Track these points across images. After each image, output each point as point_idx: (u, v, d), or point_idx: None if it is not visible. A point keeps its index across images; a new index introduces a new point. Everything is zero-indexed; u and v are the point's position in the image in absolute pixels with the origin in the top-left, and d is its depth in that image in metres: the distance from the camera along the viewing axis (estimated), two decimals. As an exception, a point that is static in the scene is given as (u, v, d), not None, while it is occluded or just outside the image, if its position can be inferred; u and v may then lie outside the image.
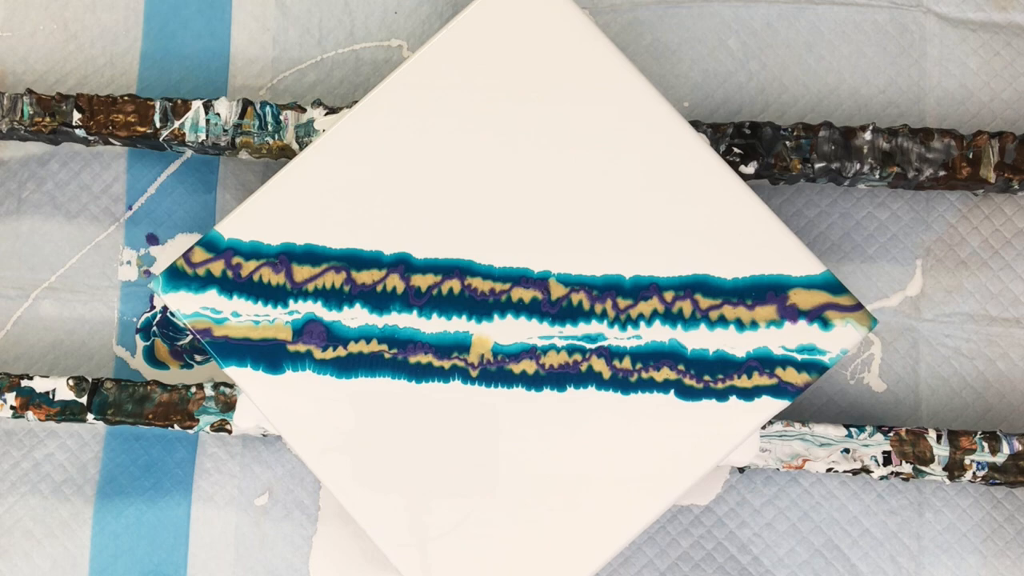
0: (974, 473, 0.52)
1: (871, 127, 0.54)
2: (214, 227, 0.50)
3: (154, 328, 0.61)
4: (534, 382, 0.48)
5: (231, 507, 0.59)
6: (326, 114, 0.56)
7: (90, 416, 0.55)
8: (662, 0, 0.60)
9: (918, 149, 0.54)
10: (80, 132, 0.57)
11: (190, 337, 0.61)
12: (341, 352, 0.49)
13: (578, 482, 0.48)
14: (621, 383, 0.48)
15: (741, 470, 0.57)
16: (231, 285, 0.49)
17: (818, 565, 0.56)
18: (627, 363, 0.48)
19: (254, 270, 0.49)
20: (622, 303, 0.49)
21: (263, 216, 0.50)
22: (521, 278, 0.49)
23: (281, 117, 0.56)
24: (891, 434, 0.53)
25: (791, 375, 0.48)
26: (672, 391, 0.48)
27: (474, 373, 0.49)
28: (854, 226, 0.58)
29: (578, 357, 0.49)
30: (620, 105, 0.50)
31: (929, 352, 0.58)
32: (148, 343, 0.61)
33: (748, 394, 0.48)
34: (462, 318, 0.49)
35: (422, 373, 0.49)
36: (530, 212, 0.49)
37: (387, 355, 0.49)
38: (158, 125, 0.56)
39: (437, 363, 0.49)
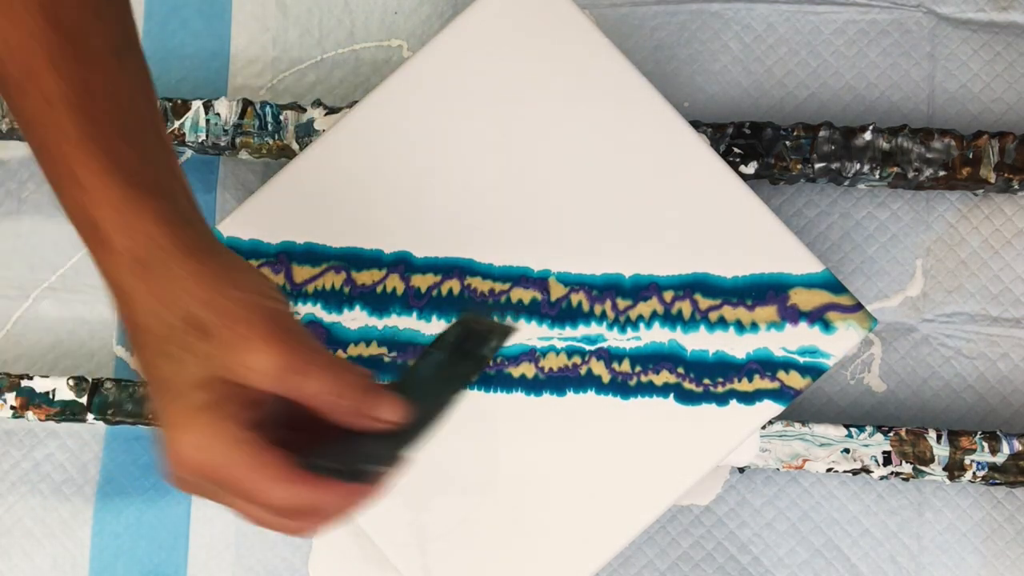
0: (974, 473, 0.52)
1: (871, 127, 0.54)
2: (214, 227, 0.50)
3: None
4: (533, 386, 0.48)
5: (231, 507, 0.59)
6: (326, 114, 0.55)
7: (90, 416, 0.55)
8: (662, 0, 0.60)
9: (918, 149, 0.54)
10: (80, 132, 0.57)
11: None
12: (341, 355, 0.49)
13: (578, 483, 0.48)
14: (620, 387, 0.48)
15: (741, 470, 0.57)
16: (231, 286, 0.49)
17: (818, 565, 0.56)
18: (626, 366, 0.48)
19: (254, 271, 0.49)
20: (621, 303, 0.49)
21: (263, 216, 0.50)
22: (521, 277, 0.49)
23: (281, 117, 0.56)
24: (891, 434, 0.53)
25: (794, 379, 0.48)
26: (672, 395, 0.48)
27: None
28: (854, 226, 0.58)
29: (577, 360, 0.49)
30: (620, 105, 0.49)
31: (929, 352, 0.58)
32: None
33: (749, 398, 0.48)
34: (462, 320, 0.49)
35: (422, 376, 0.49)
36: (530, 211, 0.49)
37: (387, 358, 0.49)
38: (158, 125, 0.56)
39: (437, 366, 0.49)
